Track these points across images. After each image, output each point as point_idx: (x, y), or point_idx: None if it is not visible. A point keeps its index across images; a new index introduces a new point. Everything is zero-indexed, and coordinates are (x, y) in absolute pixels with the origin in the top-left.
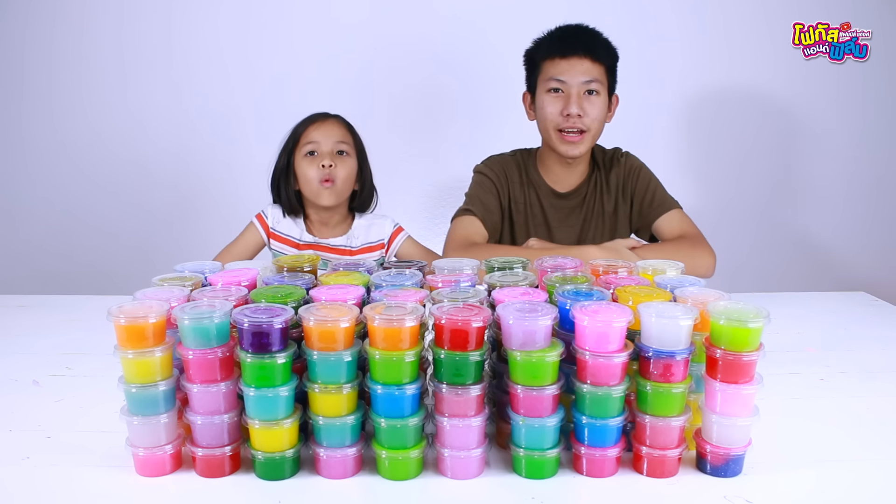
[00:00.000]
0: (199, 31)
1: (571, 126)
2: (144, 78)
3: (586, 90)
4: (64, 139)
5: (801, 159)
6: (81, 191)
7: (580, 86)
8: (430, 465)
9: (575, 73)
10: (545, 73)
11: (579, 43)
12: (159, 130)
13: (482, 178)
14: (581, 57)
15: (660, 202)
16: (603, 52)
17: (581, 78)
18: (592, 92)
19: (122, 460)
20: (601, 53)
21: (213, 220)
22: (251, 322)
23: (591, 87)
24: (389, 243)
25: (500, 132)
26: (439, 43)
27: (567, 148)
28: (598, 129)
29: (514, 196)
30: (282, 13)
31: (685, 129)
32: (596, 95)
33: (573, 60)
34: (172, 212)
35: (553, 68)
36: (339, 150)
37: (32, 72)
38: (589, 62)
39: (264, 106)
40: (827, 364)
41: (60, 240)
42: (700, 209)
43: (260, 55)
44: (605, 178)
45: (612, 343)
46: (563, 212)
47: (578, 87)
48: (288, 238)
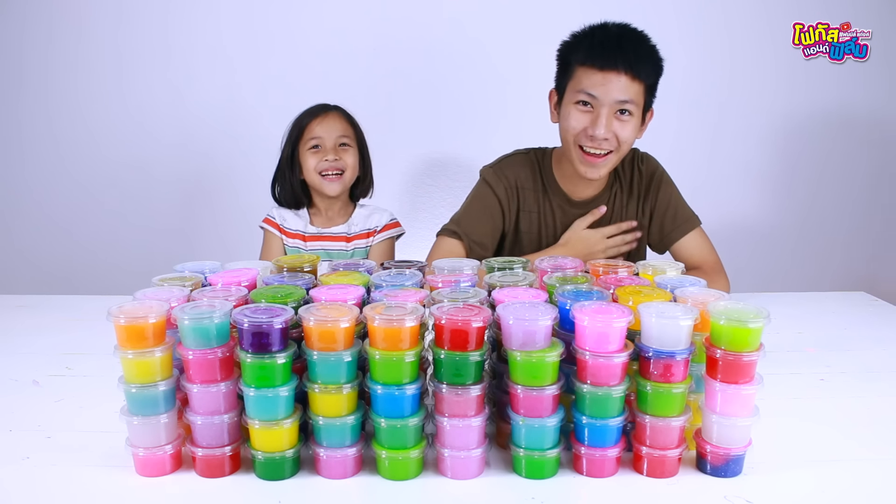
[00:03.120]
0: (197, 31)
1: (596, 147)
2: (143, 77)
3: (619, 110)
4: (63, 139)
5: (800, 159)
6: (81, 191)
7: (613, 104)
8: (430, 465)
9: (610, 90)
10: (577, 81)
11: (621, 55)
12: (159, 130)
13: (485, 194)
14: (620, 73)
15: (682, 220)
16: (645, 70)
17: (616, 96)
18: (625, 112)
19: (122, 460)
20: (643, 70)
21: (213, 220)
22: (251, 322)
23: (626, 107)
24: (381, 231)
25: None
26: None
27: (586, 169)
28: (625, 151)
29: (525, 206)
30: (280, 11)
31: (685, 129)
32: (629, 116)
33: (610, 75)
34: (172, 211)
35: (587, 79)
36: (341, 143)
37: (31, 72)
38: (627, 80)
39: (264, 105)
40: (827, 364)
41: (60, 240)
42: (699, 209)
43: (258, 53)
44: (625, 187)
45: (612, 343)
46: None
47: (611, 107)
48: (296, 232)
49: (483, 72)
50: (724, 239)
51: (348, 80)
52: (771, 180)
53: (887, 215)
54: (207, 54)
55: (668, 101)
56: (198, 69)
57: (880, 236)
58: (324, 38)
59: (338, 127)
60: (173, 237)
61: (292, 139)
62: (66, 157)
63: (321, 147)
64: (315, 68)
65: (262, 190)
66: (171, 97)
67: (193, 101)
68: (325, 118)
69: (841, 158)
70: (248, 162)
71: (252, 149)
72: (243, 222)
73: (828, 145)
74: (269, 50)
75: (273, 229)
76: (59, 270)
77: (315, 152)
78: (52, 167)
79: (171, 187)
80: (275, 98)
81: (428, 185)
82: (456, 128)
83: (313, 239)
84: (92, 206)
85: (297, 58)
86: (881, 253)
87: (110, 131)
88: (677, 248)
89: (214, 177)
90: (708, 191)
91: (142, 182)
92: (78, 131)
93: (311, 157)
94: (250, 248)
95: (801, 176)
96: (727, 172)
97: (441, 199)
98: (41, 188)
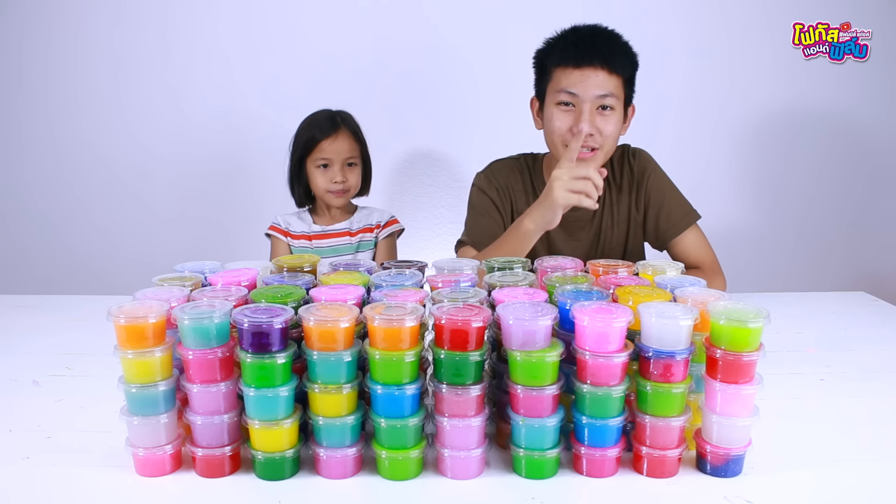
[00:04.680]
0: (195, 32)
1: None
2: (143, 78)
3: (600, 105)
4: (62, 139)
5: (800, 159)
6: (81, 191)
7: (594, 100)
8: (430, 465)
9: (588, 87)
10: (556, 82)
11: (595, 52)
12: (158, 130)
13: (480, 199)
14: (596, 68)
15: (677, 217)
16: (621, 63)
17: (595, 92)
18: (607, 107)
19: (122, 460)
20: (619, 64)
21: (213, 220)
22: (251, 322)
23: (606, 101)
24: (385, 227)
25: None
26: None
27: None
28: (612, 146)
29: (517, 206)
30: (279, 12)
31: (684, 130)
32: (610, 111)
33: (587, 71)
34: (172, 211)
35: (565, 79)
36: (349, 163)
37: (30, 73)
38: (605, 74)
39: (263, 106)
40: (827, 364)
41: (60, 240)
42: (699, 209)
43: (257, 55)
44: (615, 185)
45: (612, 343)
46: (569, 225)
47: (591, 102)
48: (301, 234)
49: (484, 72)
50: (724, 239)
51: (348, 80)
52: (771, 180)
53: (887, 215)
54: (206, 55)
55: (667, 100)
56: (196, 70)
57: (880, 236)
58: (323, 38)
59: (346, 148)
60: (173, 237)
61: (301, 149)
62: (66, 158)
63: (329, 167)
64: (314, 69)
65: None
66: (171, 98)
67: (193, 102)
68: (335, 139)
69: (841, 158)
70: (247, 162)
71: (251, 149)
72: (243, 222)
73: (828, 145)
74: (267, 51)
75: (280, 235)
76: (59, 270)
77: (323, 171)
78: (51, 167)
79: (171, 187)
80: (274, 99)
81: (428, 185)
82: (456, 128)
83: (318, 237)
84: (92, 207)
85: (295, 59)
86: (881, 253)
87: (110, 131)
88: (675, 246)
89: (214, 177)
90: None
91: (142, 182)
92: (78, 132)
93: (319, 175)
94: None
95: (802, 176)
96: (727, 172)
97: (441, 199)
98: (41, 188)
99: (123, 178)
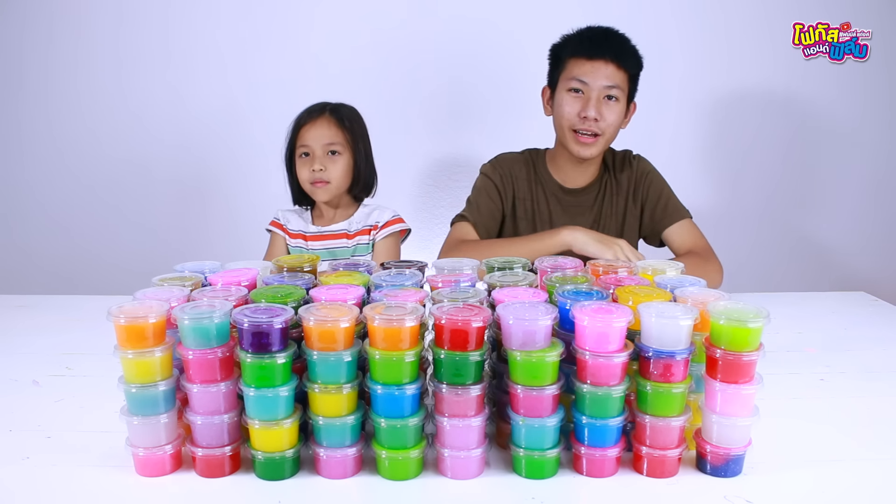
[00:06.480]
0: (197, 32)
1: (587, 129)
2: (143, 78)
3: (606, 95)
4: (63, 139)
5: (800, 159)
6: (81, 191)
7: (601, 90)
8: (430, 465)
9: (598, 77)
10: (568, 71)
11: (607, 47)
12: (158, 130)
13: (484, 182)
14: (607, 61)
15: (671, 210)
16: (629, 60)
17: (603, 82)
18: (612, 98)
19: (122, 460)
20: (627, 60)
21: (213, 219)
22: (251, 322)
23: (612, 92)
24: (383, 227)
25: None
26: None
27: (580, 148)
28: (613, 134)
29: (519, 194)
30: (280, 12)
31: (684, 130)
32: (615, 101)
33: (598, 63)
34: (172, 211)
35: (577, 68)
36: (330, 151)
37: (31, 72)
38: (613, 67)
39: (264, 105)
40: (827, 364)
41: (60, 240)
42: (700, 209)
43: (258, 53)
44: (615, 180)
45: (612, 343)
46: (570, 210)
47: (599, 91)
48: (297, 232)
49: (484, 72)
50: (724, 237)
51: (348, 80)
52: (771, 180)
53: (888, 215)
54: (207, 55)
55: (667, 100)
56: (197, 70)
57: (880, 236)
58: (324, 38)
59: (325, 134)
60: (173, 237)
61: (288, 142)
62: (66, 158)
63: (310, 155)
64: (315, 69)
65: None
66: (171, 97)
67: (193, 102)
68: (314, 125)
69: (841, 158)
70: (248, 162)
71: (252, 149)
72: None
73: (827, 145)
74: (269, 50)
75: (278, 231)
76: (59, 270)
77: (304, 161)
78: (52, 167)
79: (171, 187)
80: (276, 99)
81: (428, 185)
82: (456, 128)
83: (314, 238)
84: (92, 207)
85: (296, 58)
86: (881, 253)
87: (110, 131)
88: (669, 235)
89: (215, 177)
90: (707, 190)
91: (142, 182)
92: (78, 131)
93: (301, 165)
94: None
95: (802, 176)
96: (726, 172)
97: (441, 199)
98: (41, 188)
99: (124, 178)
